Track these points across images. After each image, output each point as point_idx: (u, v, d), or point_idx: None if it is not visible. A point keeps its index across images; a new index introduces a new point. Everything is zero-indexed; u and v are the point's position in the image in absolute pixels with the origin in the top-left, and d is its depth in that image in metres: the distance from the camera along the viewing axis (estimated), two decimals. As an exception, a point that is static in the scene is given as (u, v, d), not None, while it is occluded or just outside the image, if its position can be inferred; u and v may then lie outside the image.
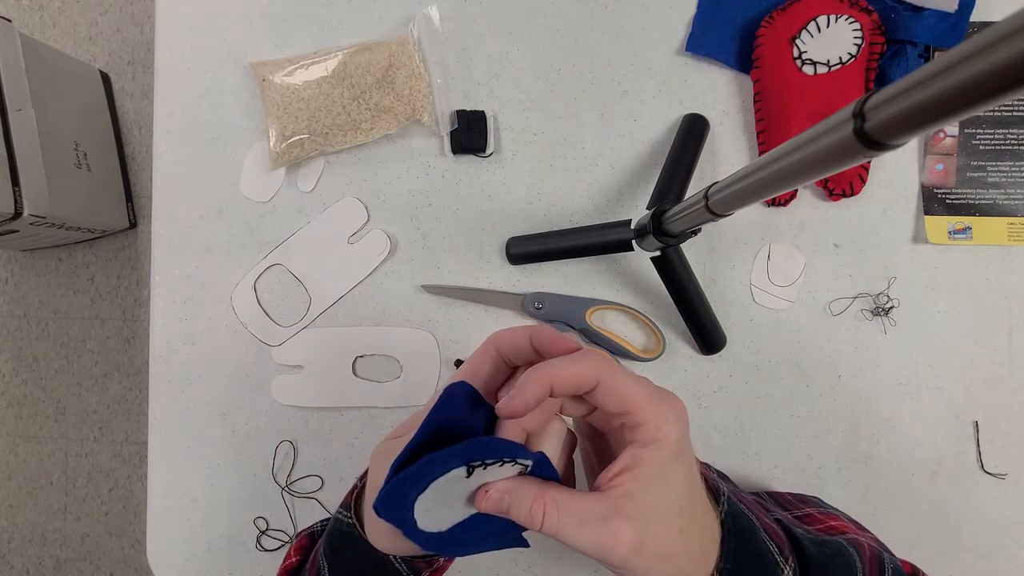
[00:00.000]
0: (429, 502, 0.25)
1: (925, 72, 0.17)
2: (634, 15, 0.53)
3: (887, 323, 0.51)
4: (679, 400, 0.27)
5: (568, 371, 0.25)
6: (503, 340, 0.28)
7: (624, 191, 0.53)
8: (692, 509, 0.26)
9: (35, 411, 1.43)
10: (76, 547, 1.42)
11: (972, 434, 0.50)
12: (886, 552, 0.35)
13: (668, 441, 0.25)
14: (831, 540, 0.33)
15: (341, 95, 0.52)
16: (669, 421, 0.25)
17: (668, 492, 0.25)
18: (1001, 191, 0.50)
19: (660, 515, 0.25)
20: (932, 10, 0.49)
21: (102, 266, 1.40)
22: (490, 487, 0.25)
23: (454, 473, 0.24)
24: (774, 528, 0.31)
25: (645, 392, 0.25)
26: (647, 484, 0.25)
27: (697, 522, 0.26)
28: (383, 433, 0.53)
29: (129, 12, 1.40)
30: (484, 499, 0.25)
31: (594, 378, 0.25)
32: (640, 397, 0.25)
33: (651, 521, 0.25)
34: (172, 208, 0.55)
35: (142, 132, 1.39)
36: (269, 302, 0.54)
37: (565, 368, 0.25)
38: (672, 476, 0.25)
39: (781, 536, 0.30)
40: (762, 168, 0.27)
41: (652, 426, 0.25)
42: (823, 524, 0.40)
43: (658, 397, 0.26)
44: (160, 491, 0.54)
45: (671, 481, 0.25)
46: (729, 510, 0.28)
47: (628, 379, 0.25)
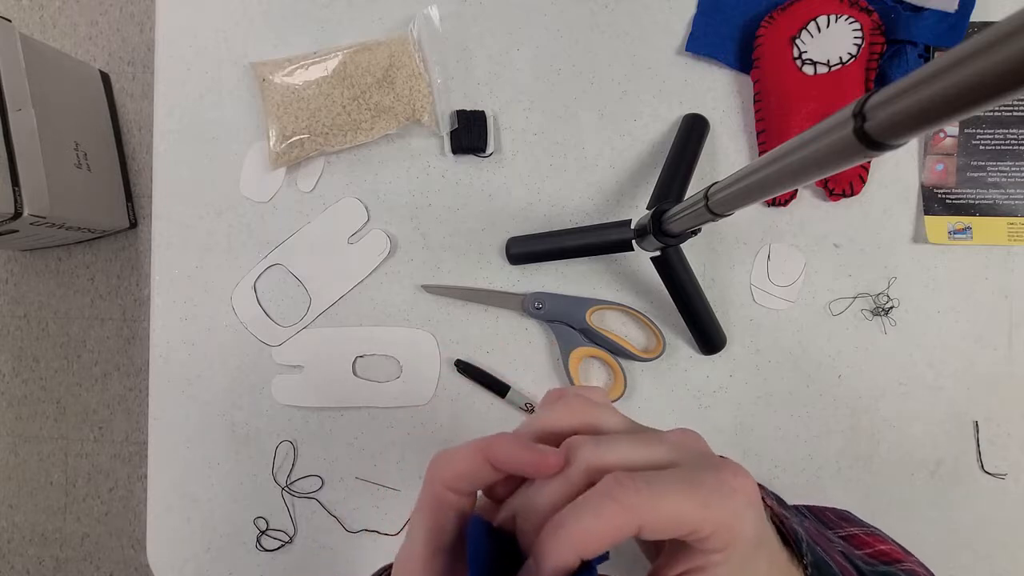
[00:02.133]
0: None
1: (925, 72, 0.17)
2: (634, 15, 0.53)
3: (887, 323, 0.51)
4: (743, 473, 0.21)
5: (595, 533, 0.19)
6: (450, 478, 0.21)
7: (624, 191, 0.53)
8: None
9: (35, 411, 1.43)
10: (76, 547, 1.42)
11: (972, 434, 0.50)
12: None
13: (744, 538, 0.20)
14: (891, 572, 0.32)
15: (341, 95, 0.52)
16: (740, 516, 0.20)
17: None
18: (1001, 191, 0.50)
19: None
20: (932, 10, 0.49)
21: (102, 266, 1.40)
22: None
23: None
24: (847, 567, 0.28)
25: (702, 500, 0.19)
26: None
27: None
28: (383, 433, 0.53)
29: (129, 12, 1.40)
30: None
31: (633, 526, 0.19)
32: (697, 510, 0.19)
33: None
34: (172, 208, 0.55)
35: (142, 132, 1.39)
36: (269, 302, 0.54)
37: (590, 530, 0.19)
38: (754, 569, 0.21)
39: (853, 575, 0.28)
40: (762, 168, 0.27)
41: (723, 532, 0.19)
42: (873, 548, 0.37)
43: (718, 495, 0.19)
44: (160, 491, 0.54)
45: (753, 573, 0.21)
46: (812, 561, 0.25)
47: (674, 496, 0.19)
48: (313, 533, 0.53)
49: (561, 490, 0.21)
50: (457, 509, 0.22)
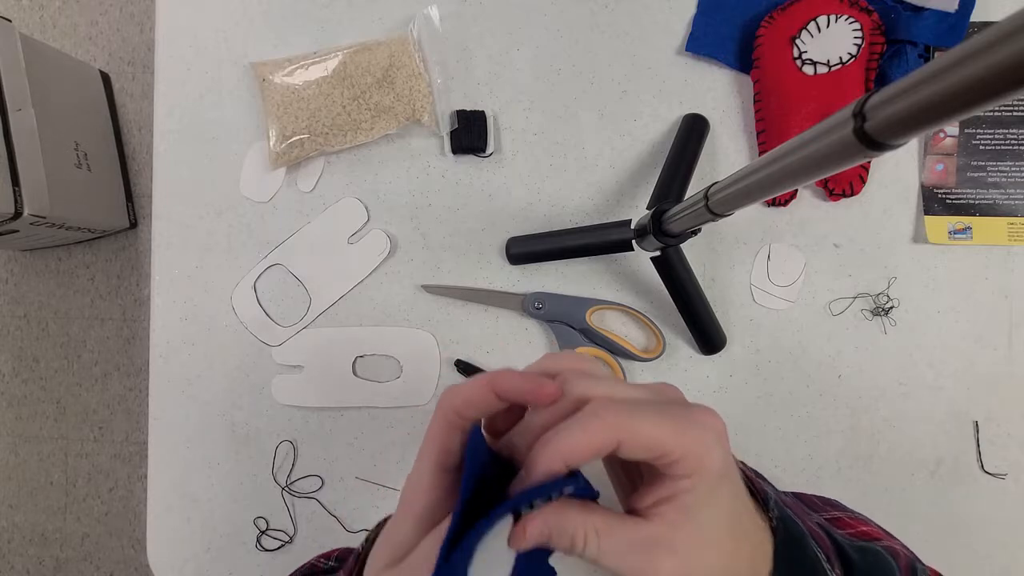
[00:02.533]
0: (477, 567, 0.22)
1: (925, 72, 0.17)
2: (634, 15, 0.53)
3: (887, 323, 0.51)
4: (712, 413, 0.24)
5: (581, 446, 0.22)
6: (460, 404, 0.24)
7: (624, 191, 0.53)
8: (741, 528, 0.25)
9: (35, 411, 1.43)
10: (76, 547, 1.42)
11: (972, 434, 0.50)
12: (918, 561, 0.35)
13: (711, 468, 0.23)
14: (870, 547, 0.32)
15: (341, 95, 0.52)
16: (709, 446, 0.23)
17: (714, 517, 0.23)
18: (1001, 191, 0.50)
19: (708, 542, 0.23)
20: (932, 10, 0.49)
21: (102, 266, 1.40)
22: (527, 521, 0.23)
23: (500, 524, 0.22)
24: (819, 534, 0.29)
25: (674, 427, 0.22)
26: (692, 513, 0.23)
27: (748, 540, 0.25)
28: (383, 433, 0.53)
29: (129, 12, 1.40)
30: (523, 536, 0.23)
31: (613, 441, 0.22)
32: (670, 435, 0.22)
33: (697, 550, 0.23)
34: (172, 208, 0.55)
35: (142, 132, 1.39)
36: (269, 302, 0.54)
37: (577, 442, 0.22)
38: (718, 500, 0.24)
39: (827, 542, 0.29)
40: (762, 168, 0.27)
41: (692, 458, 0.22)
42: (855, 529, 0.38)
43: (689, 422, 0.23)
44: (160, 491, 0.54)
45: (717, 505, 0.24)
46: (779, 516, 0.27)
47: (650, 420, 0.22)
48: (313, 533, 0.53)
49: (554, 413, 0.24)
50: (463, 432, 0.25)
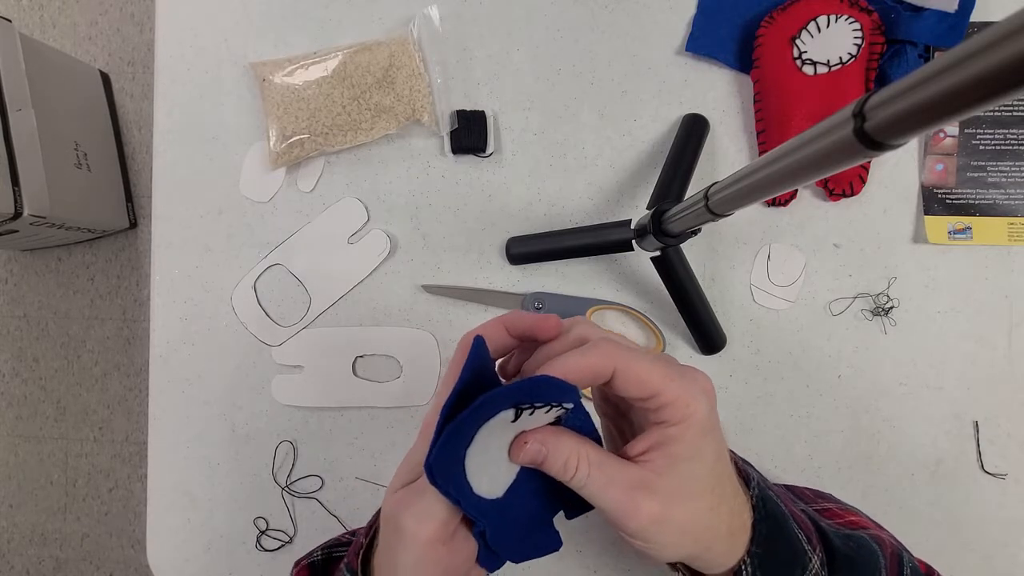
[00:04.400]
0: (476, 457, 0.24)
1: (925, 72, 0.17)
2: (634, 15, 0.53)
3: (887, 323, 0.51)
4: (703, 374, 0.26)
5: (579, 366, 0.24)
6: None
7: (624, 191, 0.53)
8: (722, 489, 0.26)
9: (35, 411, 1.43)
10: (76, 547, 1.42)
11: (972, 434, 0.50)
12: (904, 550, 0.35)
13: (697, 418, 0.24)
14: (855, 534, 0.33)
15: (341, 95, 0.52)
16: (696, 397, 0.25)
17: (698, 470, 0.25)
18: (1001, 191, 0.50)
19: (689, 492, 0.25)
20: (932, 10, 0.49)
21: (102, 266, 1.40)
22: (528, 436, 0.25)
23: (501, 416, 0.23)
24: (802, 517, 0.30)
25: (666, 372, 0.24)
26: (677, 461, 0.24)
27: (727, 503, 0.26)
28: (383, 433, 0.53)
29: (129, 12, 1.40)
30: (522, 449, 0.25)
31: (608, 368, 0.24)
32: (661, 378, 0.24)
33: (678, 498, 0.24)
34: (172, 208, 0.55)
35: (142, 132, 1.39)
36: (269, 302, 0.54)
37: (575, 363, 0.24)
38: (702, 453, 0.25)
39: (809, 526, 0.30)
40: (762, 168, 0.27)
41: (680, 404, 0.24)
42: (843, 519, 0.39)
43: (680, 374, 0.25)
44: (160, 491, 0.54)
45: (701, 458, 0.25)
46: (760, 495, 0.28)
47: (646, 361, 0.24)
48: (313, 533, 0.53)
49: (558, 346, 0.27)
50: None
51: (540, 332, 0.27)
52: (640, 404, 0.25)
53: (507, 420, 0.24)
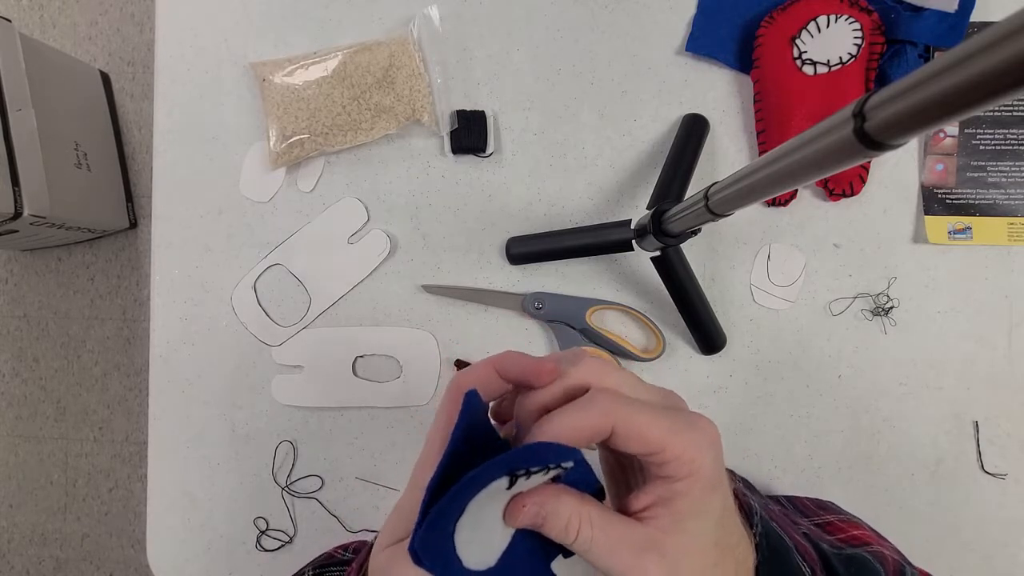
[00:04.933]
0: (467, 530, 0.22)
1: (925, 72, 0.17)
2: (634, 15, 0.53)
3: (887, 323, 0.51)
4: (709, 422, 0.25)
5: (575, 427, 0.23)
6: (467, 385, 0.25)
7: (624, 191, 0.53)
8: (727, 540, 0.25)
9: (35, 411, 1.43)
10: (76, 547, 1.42)
11: (972, 434, 0.50)
12: (907, 564, 0.35)
13: (703, 473, 0.23)
14: (857, 556, 0.33)
15: (341, 95, 0.52)
16: (702, 450, 0.23)
17: (704, 526, 0.24)
18: (1001, 191, 0.50)
19: (694, 551, 0.24)
20: (932, 10, 0.49)
21: (102, 266, 1.40)
22: (525, 499, 0.23)
23: (494, 485, 0.22)
24: (805, 547, 0.30)
25: (670, 425, 0.23)
26: (683, 519, 0.23)
27: (732, 555, 0.25)
28: (383, 433, 0.53)
29: (129, 12, 1.40)
30: (519, 512, 0.23)
31: (607, 426, 0.23)
32: (664, 433, 0.23)
33: (684, 558, 0.23)
34: (172, 208, 0.55)
35: (142, 132, 1.39)
36: (269, 302, 0.54)
37: (571, 423, 0.23)
38: (709, 508, 0.24)
39: (813, 556, 0.30)
40: (762, 168, 0.27)
41: (685, 459, 0.23)
42: (846, 533, 0.39)
43: (686, 426, 0.23)
44: (160, 491, 0.54)
45: (708, 514, 0.24)
46: (763, 532, 0.27)
47: (648, 415, 0.23)
48: (313, 533, 0.53)
49: (556, 392, 0.25)
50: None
51: (535, 380, 0.26)
52: (643, 459, 0.24)
53: (501, 488, 0.22)
